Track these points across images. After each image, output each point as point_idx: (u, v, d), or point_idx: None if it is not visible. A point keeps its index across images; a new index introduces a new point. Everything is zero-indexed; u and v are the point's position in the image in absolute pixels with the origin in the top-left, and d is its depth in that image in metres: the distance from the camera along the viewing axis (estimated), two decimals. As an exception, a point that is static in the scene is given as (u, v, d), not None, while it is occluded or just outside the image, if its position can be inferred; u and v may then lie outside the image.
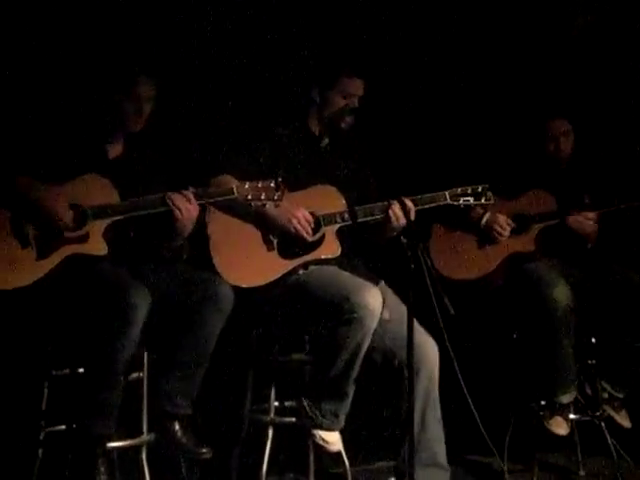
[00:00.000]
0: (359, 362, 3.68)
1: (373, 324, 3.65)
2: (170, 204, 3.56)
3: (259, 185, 3.65)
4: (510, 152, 4.58)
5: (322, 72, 4.03)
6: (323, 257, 3.84)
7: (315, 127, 4.02)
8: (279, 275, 3.79)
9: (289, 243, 3.82)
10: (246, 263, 3.78)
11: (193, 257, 3.81)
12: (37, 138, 3.65)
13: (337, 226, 3.86)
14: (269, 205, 3.71)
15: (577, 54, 5.00)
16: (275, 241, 3.84)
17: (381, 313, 3.69)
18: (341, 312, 3.63)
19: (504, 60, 4.96)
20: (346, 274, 3.81)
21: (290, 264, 3.82)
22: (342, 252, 3.86)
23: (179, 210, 3.56)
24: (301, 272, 3.82)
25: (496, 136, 4.80)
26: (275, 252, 3.83)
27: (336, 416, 3.74)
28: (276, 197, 3.67)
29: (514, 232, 4.35)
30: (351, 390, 3.74)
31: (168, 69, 4.25)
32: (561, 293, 4.19)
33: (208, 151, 4.12)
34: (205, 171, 3.80)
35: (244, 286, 3.73)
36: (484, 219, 4.32)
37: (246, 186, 3.65)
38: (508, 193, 4.38)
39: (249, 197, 3.65)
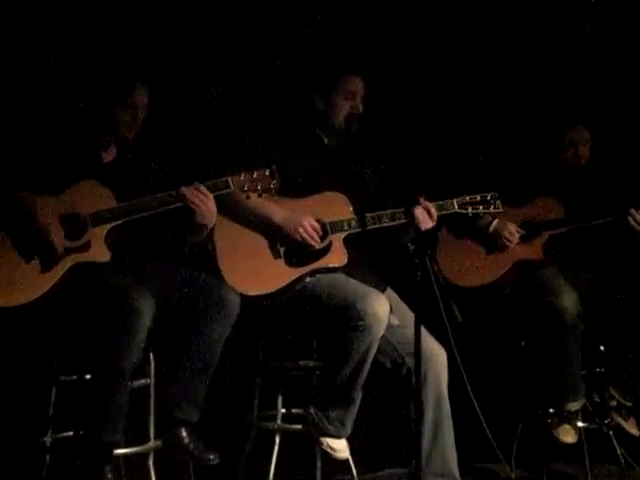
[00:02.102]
0: (366, 369, 3.68)
1: (380, 331, 3.65)
2: (185, 199, 3.53)
3: (254, 175, 3.61)
4: (523, 158, 4.58)
5: (321, 77, 4.03)
6: (330, 266, 3.84)
7: (324, 133, 4.02)
8: (285, 284, 3.78)
9: (296, 251, 3.82)
10: (252, 271, 3.78)
11: (200, 261, 3.81)
12: (30, 144, 3.64)
13: (344, 234, 3.85)
14: (265, 196, 3.66)
15: (593, 60, 4.99)
16: (282, 249, 3.83)
17: (389, 319, 3.69)
18: (348, 319, 3.63)
19: (521, 66, 4.96)
20: (353, 281, 3.81)
21: (297, 272, 3.81)
22: (350, 258, 3.86)
23: (195, 204, 3.53)
24: (308, 280, 3.81)
25: (509, 142, 4.80)
26: (282, 260, 3.82)
27: (343, 423, 3.73)
28: (272, 186, 3.64)
29: (522, 239, 4.34)
30: (358, 397, 3.73)
31: (171, 76, 4.28)
32: (569, 301, 4.18)
33: (214, 158, 4.12)
34: (205, 175, 3.79)
35: (250, 294, 3.72)
36: (492, 226, 4.31)
37: (241, 177, 3.60)
38: (517, 200, 4.38)
39: (245, 188, 3.62)
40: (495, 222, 4.32)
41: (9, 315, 3.44)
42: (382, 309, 3.66)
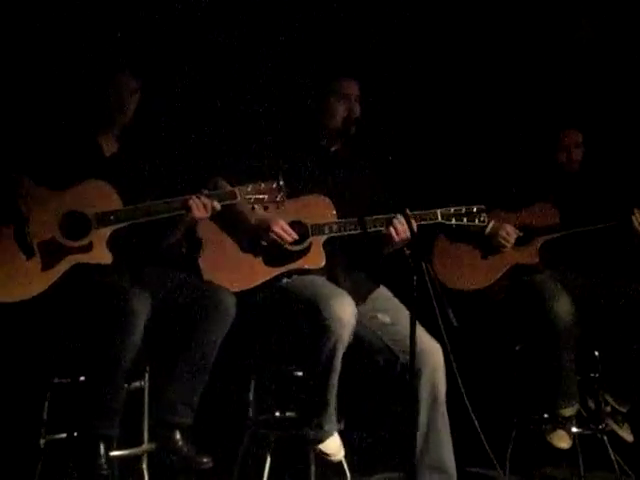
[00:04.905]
0: (335, 372, 3.64)
1: (344, 333, 3.61)
2: (191, 211, 3.57)
3: (261, 187, 3.65)
4: (518, 162, 4.58)
5: (316, 80, 4.03)
6: (307, 267, 3.83)
7: (322, 136, 4.02)
8: (261, 282, 3.78)
9: (275, 251, 3.80)
10: (230, 266, 3.78)
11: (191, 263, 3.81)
12: (31, 140, 3.66)
13: (325, 237, 3.84)
14: (271, 207, 3.71)
15: (587, 63, 5.00)
16: (261, 248, 3.82)
17: (375, 317, 3.71)
18: (314, 320, 3.61)
19: (516, 70, 4.97)
20: (326, 284, 3.79)
21: (273, 272, 3.81)
22: (336, 260, 3.85)
23: (193, 213, 3.57)
24: (284, 280, 3.81)
25: (504, 147, 4.80)
26: (260, 259, 3.82)
27: (320, 427, 3.71)
28: (278, 198, 3.67)
29: (518, 244, 4.34)
30: (332, 400, 3.69)
31: (172, 76, 4.29)
32: (563, 306, 4.18)
33: (208, 154, 4.14)
34: (204, 173, 3.80)
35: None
36: (489, 227, 4.29)
37: (248, 188, 3.65)
38: (512, 205, 4.38)
39: (252, 200, 3.65)
40: (492, 223, 4.31)
41: (4, 315, 3.44)
42: (347, 312, 3.62)
